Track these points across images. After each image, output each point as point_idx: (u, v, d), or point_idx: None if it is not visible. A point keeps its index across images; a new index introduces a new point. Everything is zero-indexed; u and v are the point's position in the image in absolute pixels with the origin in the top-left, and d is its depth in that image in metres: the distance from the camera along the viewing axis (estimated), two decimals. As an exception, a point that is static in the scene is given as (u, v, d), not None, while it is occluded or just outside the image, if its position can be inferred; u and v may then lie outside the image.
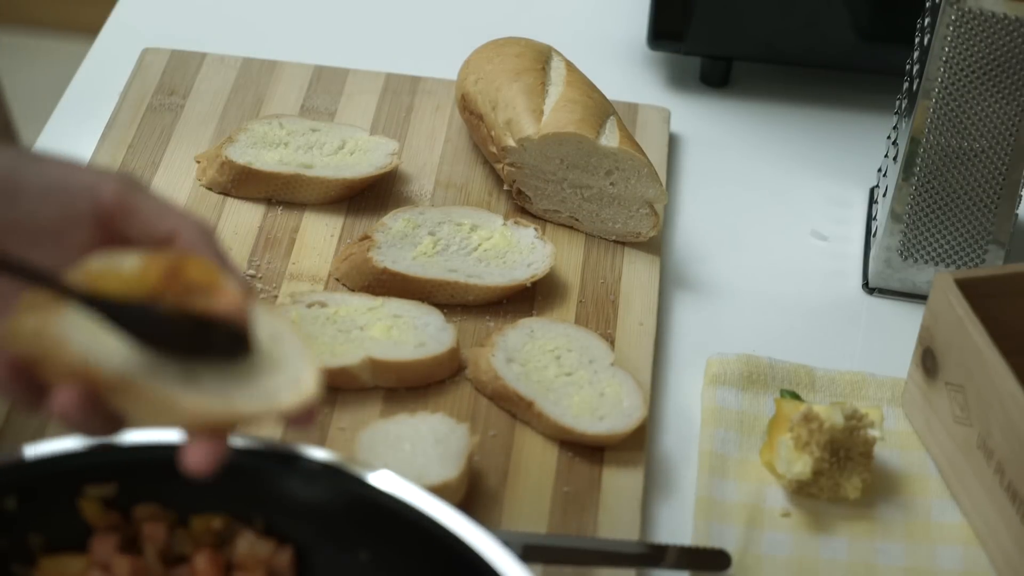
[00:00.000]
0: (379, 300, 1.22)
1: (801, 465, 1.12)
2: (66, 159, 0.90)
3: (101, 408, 0.83)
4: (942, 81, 1.21)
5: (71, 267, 0.86)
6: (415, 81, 1.46)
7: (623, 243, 1.32)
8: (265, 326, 0.86)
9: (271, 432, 1.12)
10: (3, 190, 0.87)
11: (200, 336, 0.84)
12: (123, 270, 0.85)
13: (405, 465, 1.09)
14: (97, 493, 0.94)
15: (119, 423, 0.85)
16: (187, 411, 0.81)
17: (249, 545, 0.94)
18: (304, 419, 0.86)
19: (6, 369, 0.83)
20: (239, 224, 1.30)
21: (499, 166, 1.32)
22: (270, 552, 0.94)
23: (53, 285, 0.83)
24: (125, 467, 0.94)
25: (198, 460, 0.82)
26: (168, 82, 1.43)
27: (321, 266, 1.27)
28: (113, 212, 0.88)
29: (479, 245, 1.27)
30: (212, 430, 0.83)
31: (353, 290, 1.25)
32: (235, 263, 0.89)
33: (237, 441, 0.94)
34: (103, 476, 0.93)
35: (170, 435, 0.95)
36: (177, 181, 1.33)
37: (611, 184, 1.30)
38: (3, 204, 0.87)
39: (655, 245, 1.32)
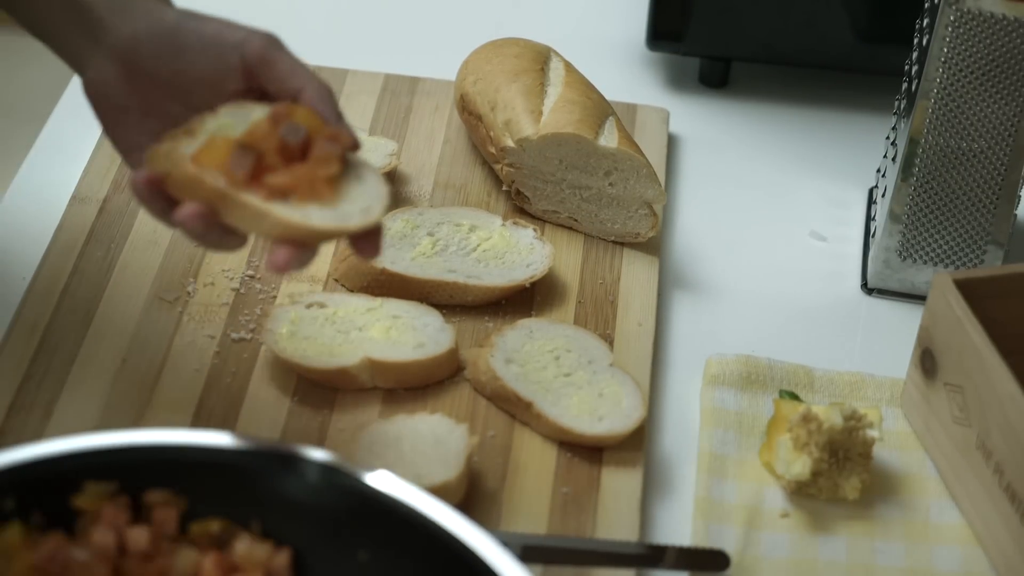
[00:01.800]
0: (378, 301, 1.22)
1: (800, 466, 1.12)
2: (222, 19, 1.03)
3: (215, 221, 0.96)
4: (941, 82, 1.21)
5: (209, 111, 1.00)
6: (414, 82, 1.46)
7: (622, 243, 1.32)
8: (352, 164, 0.99)
9: (266, 356, 1.12)
10: (170, 43, 1.01)
11: None
12: (247, 119, 0.99)
13: (404, 466, 1.09)
14: (97, 491, 0.93)
15: (234, 238, 0.98)
16: (274, 221, 0.95)
17: (247, 547, 0.94)
18: (368, 245, 0.98)
19: (145, 182, 0.97)
20: (238, 224, 1.30)
21: (498, 167, 1.32)
22: (268, 554, 0.94)
23: None
24: (126, 466, 0.94)
25: (277, 260, 0.95)
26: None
27: (320, 266, 1.27)
28: (256, 65, 1.01)
29: (478, 246, 1.27)
30: (294, 240, 0.95)
31: (352, 291, 1.25)
32: (347, 122, 1.01)
33: (237, 441, 0.94)
34: (104, 475, 0.93)
35: (170, 435, 0.95)
36: (176, 181, 1.33)
37: (610, 185, 1.30)
38: (169, 56, 1.01)
39: (654, 246, 1.32)
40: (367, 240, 0.98)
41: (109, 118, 1.04)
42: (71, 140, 1.38)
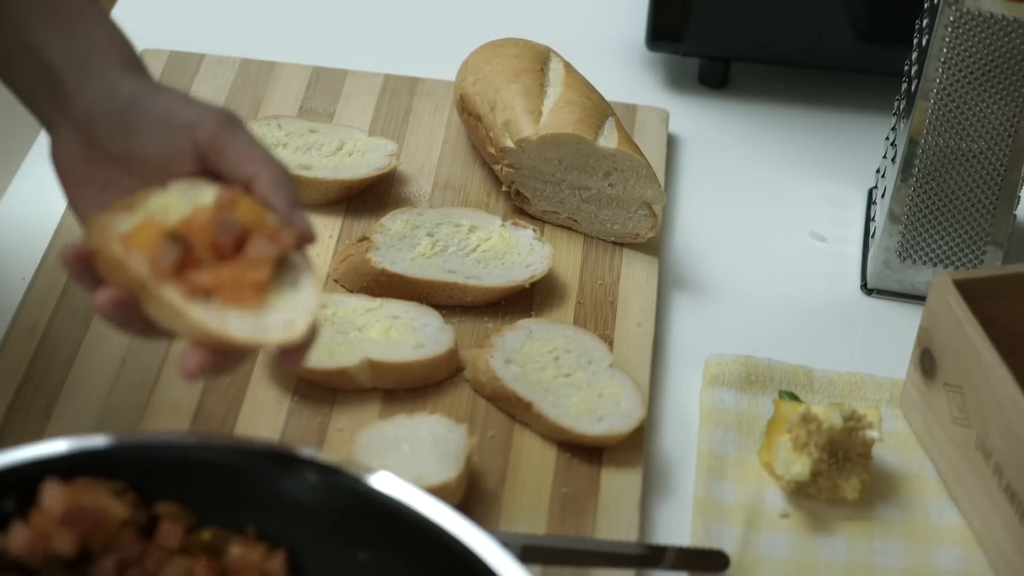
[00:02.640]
0: (377, 301, 1.22)
1: (800, 466, 1.12)
2: (179, 94, 0.96)
3: (135, 312, 0.90)
4: (940, 82, 1.21)
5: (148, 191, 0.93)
6: (413, 82, 1.46)
7: (622, 244, 1.32)
8: (293, 266, 0.92)
9: (265, 357, 1.13)
10: (122, 120, 0.95)
11: None
12: (193, 201, 0.93)
13: (404, 466, 1.09)
14: (104, 490, 0.94)
15: (155, 332, 0.91)
16: (189, 323, 0.88)
17: (241, 551, 0.94)
18: (289, 360, 0.90)
19: (73, 257, 0.91)
20: (238, 225, 1.30)
21: (498, 167, 1.32)
22: (262, 557, 0.94)
23: None
24: (127, 467, 0.94)
25: (187, 366, 0.88)
26: (167, 83, 1.43)
27: (320, 267, 1.27)
28: (207, 149, 0.94)
29: (477, 246, 1.27)
30: (211, 346, 0.88)
31: (352, 291, 1.25)
32: (302, 214, 0.93)
33: (237, 441, 0.94)
34: (106, 475, 0.93)
35: (169, 436, 0.95)
36: (176, 182, 1.33)
37: (609, 185, 1.30)
38: (121, 133, 0.95)
39: (653, 246, 1.32)
40: (289, 354, 0.90)
41: (70, 188, 0.98)
42: (70, 140, 1.38)
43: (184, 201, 0.92)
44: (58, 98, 0.97)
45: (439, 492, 1.06)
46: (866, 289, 1.33)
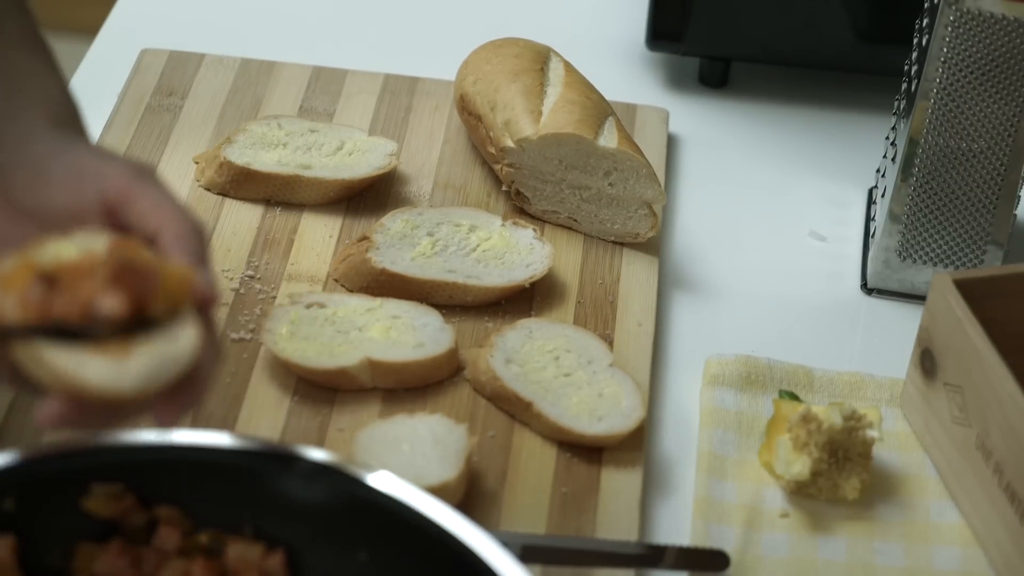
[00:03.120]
0: (378, 301, 1.22)
1: (800, 466, 1.12)
2: (99, 149, 0.94)
3: (4, 361, 0.85)
4: (940, 82, 1.21)
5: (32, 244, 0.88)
6: (413, 82, 1.46)
7: (622, 244, 1.32)
8: (177, 323, 0.88)
9: (266, 354, 1.12)
10: (36, 176, 0.92)
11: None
12: (75, 253, 0.88)
13: (404, 466, 1.09)
14: (103, 492, 0.94)
15: (18, 378, 0.87)
16: (46, 365, 0.84)
17: (239, 552, 0.94)
18: (165, 411, 0.87)
19: None
20: (238, 225, 1.30)
21: (498, 167, 1.32)
22: (260, 556, 0.94)
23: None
24: (127, 467, 0.94)
25: (42, 412, 0.84)
26: (167, 83, 1.43)
27: (320, 267, 1.27)
28: (115, 201, 0.90)
29: (478, 246, 1.27)
30: (70, 394, 0.84)
31: (352, 291, 1.25)
32: (206, 272, 0.89)
33: (236, 441, 0.94)
34: (105, 475, 0.93)
35: (169, 435, 0.95)
36: (176, 182, 1.33)
37: (610, 185, 1.30)
38: (35, 186, 0.92)
39: (654, 246, 1.32)
40: (165, 406, 0.86)
41: None
42: (71, 140, 1.38)
43: (78, 249, 0.88)
44: None
45: (439, 492, 1.06)
46: (866, 289, 1.33)
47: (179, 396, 0.87)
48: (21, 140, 0.94)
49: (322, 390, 1.17)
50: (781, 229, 1.38)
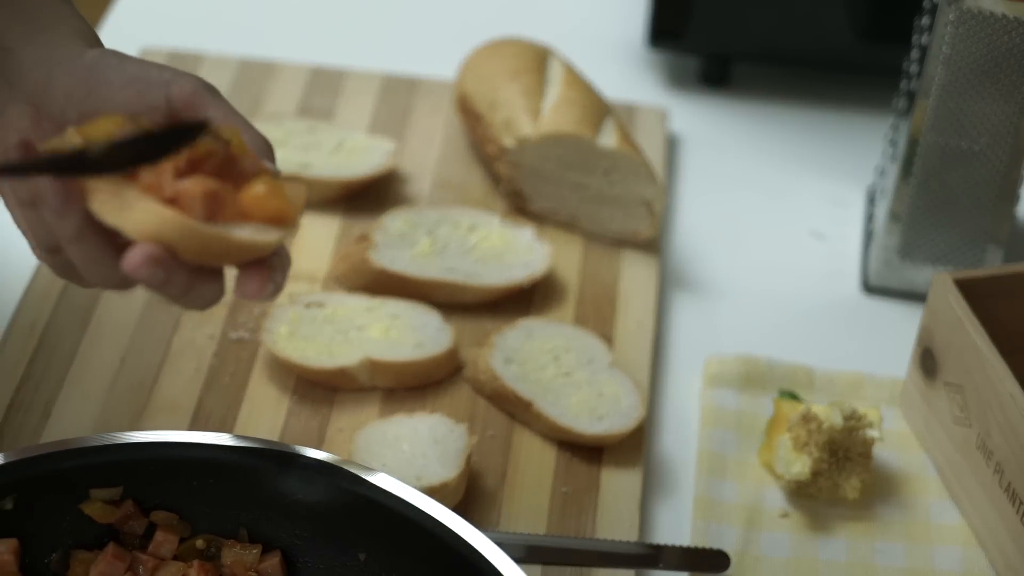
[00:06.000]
0: (377, 300, 1.22)
1: (800, 465, 1.12)
2: (150, 61, 0.93)
3: (171, 264, 0.84)
4: (941, 81, 1.21)
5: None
6: (413, 81, 1.45)
7: (621, 243, 1.32)
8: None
9: (265, 355, 1.12)
10: (84, 81, 0.91)
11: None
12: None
13: (403, 466, 1.09)
14: (102, 496, 0.93)
15: (196, 289, 0.86)
16: (147, 208, 0.83)
17: (236, 555, 0.94)
18: (251, 280, 0.87)
19: (19, 142, 0.87)
20: (237, 224, 1.30)
21: (497, 166, 1.32)
22: (257, 559, 0.94)
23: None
24: (126, 467, 0.94)
25: (131, 257, 0.83)
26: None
27: (319, 266, 1.27)
28: (184, 108, 0.90)
29: (477, 245, 1.26)
30: (161, 240, 0.83)
31: (351, 290, 1.24)
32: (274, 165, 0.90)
33: (236, 441, 0.94)
34: (104, 475, 0.93)
35: (168, 435, 0.95)
36: (175, 181, 1.33)
37: (609, 184, 1.30)
38: (82, 95, 0.90)
39: (653, 245, 1.32)
40: (253, 271, 0.87)
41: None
42: (70, 140, 1.38)
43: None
44: (9, 79, 0.93)
45: (439, 492, 1.06)
46: (866, 288, 1.33)
47: (265, 271, 0.87)
48: (65, 53, 0.93)
49: (321, 390, 1.17)
50: (781, 228, 1.38)
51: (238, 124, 0.90)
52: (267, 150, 0.91)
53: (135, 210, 0.83)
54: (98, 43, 0.96)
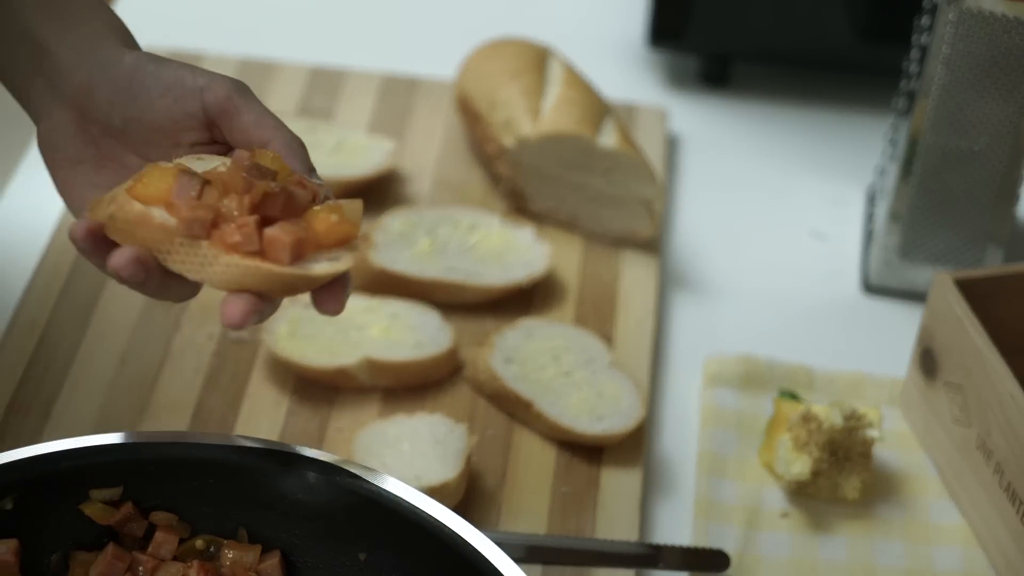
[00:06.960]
0: (377, 300, 1.22)
1: (800, 465, 1.12)
2: (184, 64, 0.94)
3: (152, 269, 0.87)
4: (941, 80, 1.21)
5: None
6: (413, 81, 1.45)
7: (621, 243, 1.32)
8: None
9: (264, 354, 1.12)
10: (125, 88, 0.92)
11: None
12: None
13: (403, 466, 1.09)
14: (102, 496, 0.93)
15: (178, 285, 0.88)
16: (229, 262, 0.85)
17: (236, 556, 0.94)
18: (331, 298, 0.90)
19: (83, 228, 0.88)
20: (237, 224, 1.29)
21: (497, 166, 1.32)
22: (256, 559, 0.94)
23: None
24: (126, 467, 0.94)
25: (231, 312, 0.86)
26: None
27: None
28: (218, 114, 0.92)
29: (477, 245, 1.26)
30: (250, 288, 0.86)
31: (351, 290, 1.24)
32: (318, 178, 0.93)
33: (236, 441, 0.94)
34: (104, 475, 0.93)
35: (168, 435, 0.95)
36: (175, 181, 1.33)
37: (609, 184, 1.30)
38: (124, 102, 0.92)
39: (653, 245, 1.32)
40: (330, 292, 0.90)
41: (62, 171, 0.95)
42: (70, 140, 1.38)
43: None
44: (52, 81, 0.94)
45: (439, 492, 1.06)
46: (866, 288, 1.33)
47: (339, 290, 0.90)
48: (104, 58, 0.94)
49: (321, 390, 1.17)
50: (781, 228, 1.38)
51: (271, 125, 0.92)
52: (301, 150, 0.92)
53: (217, 265, 0.86)
54: (130, 38, 0.97)
